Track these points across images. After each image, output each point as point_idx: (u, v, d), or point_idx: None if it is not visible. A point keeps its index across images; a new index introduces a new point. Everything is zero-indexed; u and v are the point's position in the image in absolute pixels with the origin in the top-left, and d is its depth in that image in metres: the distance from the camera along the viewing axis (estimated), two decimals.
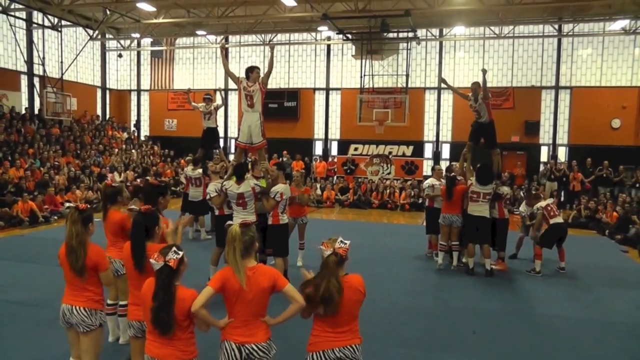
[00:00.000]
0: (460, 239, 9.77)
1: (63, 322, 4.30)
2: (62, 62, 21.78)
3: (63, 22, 21.18)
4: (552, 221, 9.70)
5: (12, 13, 19.26)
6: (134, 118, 26.76)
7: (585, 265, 10.42)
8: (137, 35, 23.13)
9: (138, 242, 4.14)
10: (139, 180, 18.44)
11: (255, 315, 3.64)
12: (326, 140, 23.80)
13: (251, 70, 8.29)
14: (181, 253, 3.63)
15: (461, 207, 9.51)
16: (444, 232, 9.70)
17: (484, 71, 9.72)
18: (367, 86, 21.17)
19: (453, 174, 9.79)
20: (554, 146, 21.37)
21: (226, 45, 23.85)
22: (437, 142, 22.47)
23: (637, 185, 17.85)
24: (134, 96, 26.73)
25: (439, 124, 22.43)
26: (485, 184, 9.32)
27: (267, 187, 7.72)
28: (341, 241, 3.74)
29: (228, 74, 8.92)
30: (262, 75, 8.27)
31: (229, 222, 3.90)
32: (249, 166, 8.79)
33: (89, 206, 4.41)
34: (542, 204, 9.96)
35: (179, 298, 3.53)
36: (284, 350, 4.68)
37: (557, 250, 9.82)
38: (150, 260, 3.62)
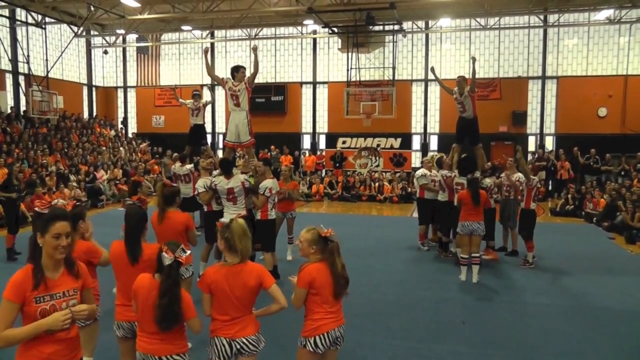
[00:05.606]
0: (449, 229, 9.81)
1: None
2: (47, 59, 21.52)
3: (47, 19, 20.87)
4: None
5: None
6: (121, 115, 26.53)
7: (573, 253, 10.58)
8: (122, 31, 22.94)
9: (137, 234, 4.07)
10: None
11: (244, 311, 3.69)
12: (314, 134, 23.78)
13: (237, 70, 8.31)
14: (189, 252, 3.65)
15: (483, 213, 8.53)
16: (464, 242, 8.52)
17: (474, 59, 9.74)
18: (354, 79, 21.17)
19: (474, 175, 9.09)
20: (542, 136, 21.52)
21: (211, 41, 23.77)
22: (425, 134, 22.53)
23: (623, 173, 18.05)
24: (120, 93, 26.49)
25: (427, 115, 22.49)
26: (465, 174, 9.31)
27: (255, 184, 7.72)
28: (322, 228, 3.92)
29: (212, 77, 8.93)
30: (248, 75, 8.31)
31: (222, 219, 3.91)
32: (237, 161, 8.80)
33: (77, 203, 4.31)
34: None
35: None
36: (270, 343, 4.71)
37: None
38: (162, 253, 3.51)
